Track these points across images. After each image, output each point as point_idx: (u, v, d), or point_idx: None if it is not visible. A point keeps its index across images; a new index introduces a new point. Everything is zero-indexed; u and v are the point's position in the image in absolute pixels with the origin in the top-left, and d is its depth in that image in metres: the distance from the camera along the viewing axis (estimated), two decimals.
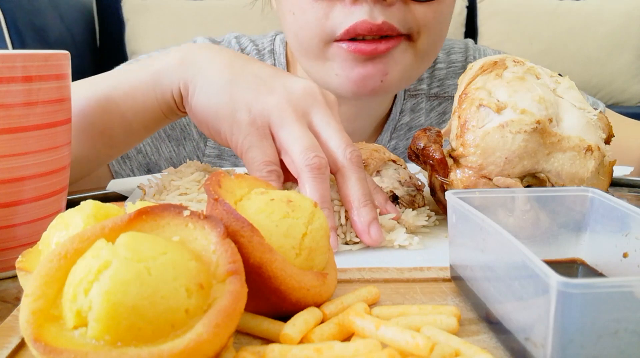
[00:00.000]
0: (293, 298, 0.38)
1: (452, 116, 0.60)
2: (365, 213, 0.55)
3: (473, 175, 0.56)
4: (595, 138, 0.56)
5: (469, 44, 1.11)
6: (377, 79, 0.80)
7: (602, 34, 3.02)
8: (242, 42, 1.05)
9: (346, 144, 0.58)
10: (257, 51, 1.03)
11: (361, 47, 0.78)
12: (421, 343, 0.33)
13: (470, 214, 0.41)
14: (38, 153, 0.49)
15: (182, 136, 0.99)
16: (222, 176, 0.41)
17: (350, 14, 0.76)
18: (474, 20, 3.10)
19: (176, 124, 0.97)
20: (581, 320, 0.31)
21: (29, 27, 2.42)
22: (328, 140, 0.58)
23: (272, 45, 1.03)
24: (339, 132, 0.59)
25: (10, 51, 0.47)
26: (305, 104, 0.60)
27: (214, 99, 0.62)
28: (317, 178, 0.55)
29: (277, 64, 1.02)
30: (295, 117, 0.58)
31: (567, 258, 0.46)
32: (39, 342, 0.29)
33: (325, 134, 0.59)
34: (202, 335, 0.30)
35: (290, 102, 0.59)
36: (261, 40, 1.05)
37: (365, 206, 0.55)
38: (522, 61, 0.61)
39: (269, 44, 1.04)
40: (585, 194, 0.46)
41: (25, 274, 0.39)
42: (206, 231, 0.34)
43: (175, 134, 0.98)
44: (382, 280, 0.46)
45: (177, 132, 0.98)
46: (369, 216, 0.55)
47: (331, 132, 0.59)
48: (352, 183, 0.56)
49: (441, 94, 1.07)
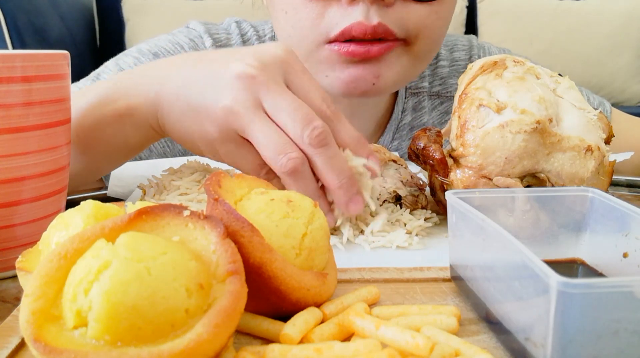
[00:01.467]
0: (293, 298, 0.38)
1: (452, 116, 0.60)
2: (341, 195, 0.55)
3: (473, 175, 0.56)
4: (595, 138, 0.56)
5: (472, 41, 1.09)
6: (369, 81, 0.78)
7: (602, 34, 3.02)
8: (243, 27, 1.03)
9: (302, 126, 0.55)
10: (257, 37, 1.02)
11: (353, 50, 0.76)
12: (421, 343, 0.33)
13: (470, 214, 0.40)
14: (38, 153, 0.49)
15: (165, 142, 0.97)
16: (222, 176, 0.41)
17: (346, 15, 0.74)
18: (474, 20, 3.10)
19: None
20: (581, 320, 0.31)
21: (29, 27, 2.42)
22: (285, 127, 0.56)
23: (274, 31, 1.01)
24: (292, 114, 0.55)
25: (10, 51, 0.47)
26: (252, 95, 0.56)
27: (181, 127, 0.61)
28: (299, 180, 0.55)
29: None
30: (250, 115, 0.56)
31: (567, 258, 0.46)
32: (39, 342, 0.29)
33: (280, 121, 0.56)
34: (202, 335, 0.30)
35: (238, 101, 0.56)
36: (262, 27, 1.03)
37: (340, 188, 0.55)
38: (522, 60, 0.61)
39: (270, 30, 1.02)
40: (585, 194, 0.46)
41: (25, 274, 0.39)
42: (206, 231, 0.34)
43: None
44: (382, 280, 0.46)
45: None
46: (345, 196, 0.55)
47: (284, 117, 0.56)
48: (320, 169, 0.56)
49: (443, 93, 1.05)
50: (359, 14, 0.73)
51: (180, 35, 1.01)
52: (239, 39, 1.02)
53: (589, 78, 3.02)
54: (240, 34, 1.02)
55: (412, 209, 0.63)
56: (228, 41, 1.02)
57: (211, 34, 1.01)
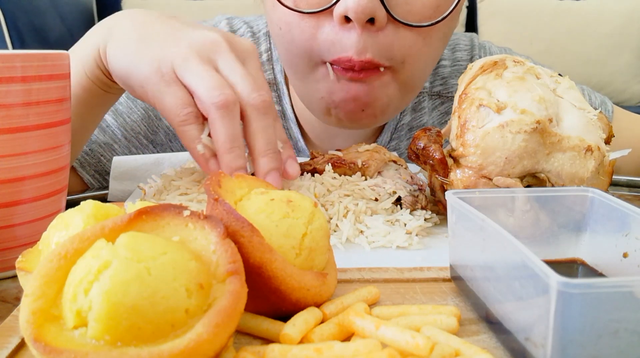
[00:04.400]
0: (293, 298, 0.38)
1: (452, 116, 0.60)
2: (264, 163, 0.56)
3: (473, 175, 0.56)
4: (595, 138, 0.56)
5: (474, 40, 1.07)
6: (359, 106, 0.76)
7: (602, 34, 3.03)
8: (235, 24, 1.02)
9: (251, 88, 0.57)
10: (251, 34, 1.00)
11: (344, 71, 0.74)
12: (421, 343, 0.33)
13: (470, 214, 0.41)
14: (38, 153, 0.49)
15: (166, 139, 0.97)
16: (222, 176, 0.41)
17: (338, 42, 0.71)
18: (474, 20, 3.10)
19: (158, 127, 0.95)
20: (581, 320, 0.31)
21: (29, 27, 2.42)
22: (234, 84, 0.57)
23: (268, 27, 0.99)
24: (245, 77, 0.58)
25: (10, 51, 0.47)
26: (210, 51, 0.59)
27: (124, 59, 0.62)
28: (226, 117, 0.55)
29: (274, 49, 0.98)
30: (200, 60, 0.58)
31: (567, 258, 0.46)
32: (39, 342, 0.29)
33: (231, 79, 0.58)
34: (202, 335, 0.30)
35: (193, 49, 0.58)
36: (256, 22, 1.02)
37: (265, 156, 0.56)
38: (522, 60, 0.61)
39: (264, 26, 1.01)
40: (585, 194, 0.46)
41: (25, 274, 0.39)
42: (206, 231, 0.34)
43: (159, 138, 0.96)
44: (382, 280, 0.46)
45: (161, 137, 0.96)
46: (267, 166, 0.56)
47: (236, 77, 0.58)
48: (252, 131, 0.57)
49: (444, 94, 1.05)
50: (351, 43, 0.70)
51: None
52: None
53: (589, 78, 3.02)
54: (231, 30, 1.01)
55: (412, 209, 0.63)
56: None
57: None
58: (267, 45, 1.00)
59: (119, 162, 0.75)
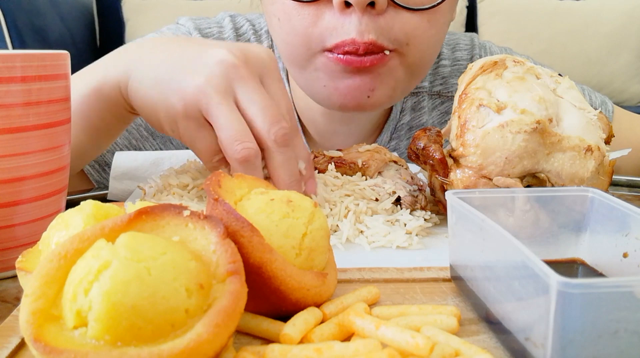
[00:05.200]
0: (293, 298, 0.38)
1: (452, 115, 0.60)
2: None
3: (473, 175, 0.56)
4: (595, 138, 0.56)
5: (474, 39, 1.07)
6: (365, 93, 0.77)
7: (602, 34, 3.02)
8: (238, 21, 1.02)
9: (270, 123, 0.57)
10: (254, 31, 1.00)
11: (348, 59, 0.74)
12: (421, 343, 0.33)
13: (470, 214, 0.40)
14: (38, 153, 0.49)
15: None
16: (222, 176, 0.41)
17: (339, 26, 0.72)
18: (474, 20, 3.10)
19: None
20: (581, 320, 0.31)
21: (29, 27, 2.42)
22: (253, 119, 0.58)
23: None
24: (263, 110, 0.58)
25: (10, 51, 0.47)
26: (228, 79, 0.58)
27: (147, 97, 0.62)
28: (248, 169, 0.56)
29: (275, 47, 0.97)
30: (219, 98, 0.57)
31: (567, 258, 0.46)
32: (39, 342, 0.29)
33: (250, 112, 0.58)
34: (202, 335, 0.30)
35: (212, 83, 0.58)
36: (258, 20, 1.02)
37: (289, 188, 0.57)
38: (522, 60, 0.61)
39: (266, 23, 1.00)
40: (585, 194, 0.46)
41: (25, 274, 0.39)
42: (206, 231, 0.34)
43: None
44: (382, 280, 0.46)
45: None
46: None
47: (255, 110, 0.58)
48: (276, 165, 0.58)
49: (444, 93, 1.04)
50: (352, 27, 0.71)
51: (168, 32, 1.01)
52: (233, 33, 1.01)
53: (589, 78, 3.02)
54: (235, 27, 1.01)
55: (412, 209, 0.63)
56: (220, 34, 1.01)
57: (201, 29, 1.00)
58: (268, 42, 1.00)
59: (120, 161, 0.75)
